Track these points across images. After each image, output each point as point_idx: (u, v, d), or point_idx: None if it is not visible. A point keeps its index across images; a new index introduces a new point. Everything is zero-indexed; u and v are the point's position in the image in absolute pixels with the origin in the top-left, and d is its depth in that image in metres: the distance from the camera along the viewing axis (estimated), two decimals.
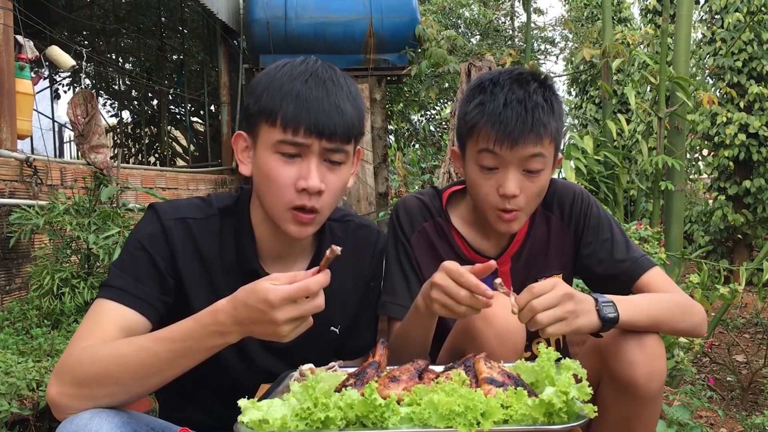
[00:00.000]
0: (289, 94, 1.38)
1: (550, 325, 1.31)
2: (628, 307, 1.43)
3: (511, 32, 12.47)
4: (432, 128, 10.12)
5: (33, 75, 4.75)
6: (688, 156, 9.33)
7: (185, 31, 9.99)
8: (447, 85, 7.95)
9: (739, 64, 8.96)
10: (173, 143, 11.13)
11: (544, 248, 1.71)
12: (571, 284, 1.76)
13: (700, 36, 9.93)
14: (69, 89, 9.91)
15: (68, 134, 9.63)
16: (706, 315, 1.61)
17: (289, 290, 1.16)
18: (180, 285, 1.44)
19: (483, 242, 1.71)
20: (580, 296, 1.36)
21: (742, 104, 9.00)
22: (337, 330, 1.62)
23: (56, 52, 4.98)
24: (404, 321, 1.58)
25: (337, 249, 1.20)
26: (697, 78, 9.41)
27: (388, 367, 1.33)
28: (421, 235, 1.71)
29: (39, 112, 7.46)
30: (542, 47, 12.95)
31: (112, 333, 1.30)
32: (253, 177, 1.46)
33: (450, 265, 1.36)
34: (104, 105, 10.54)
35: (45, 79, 8.26)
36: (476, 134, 1.55)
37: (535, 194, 1.58)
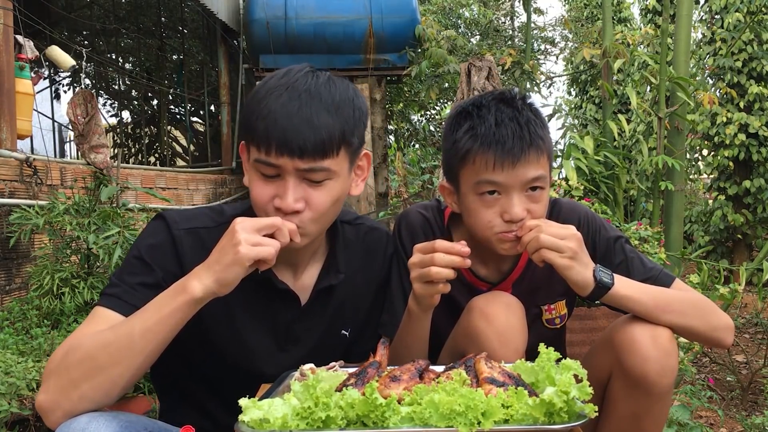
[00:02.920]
0: (261, 111, 1.34)
1: (548, 250, 1.38)
2: (629, 284, 1.47)
3: (511, 32, 12.45)
4: (432, 128, 10.11)
5: (33, 75, 4.74)
6: (688, 156, 9.33)
7: (185, 31, 9.98)
8: (447, 85, 7.94)
9: (739, 64, 8.95)
10: (173, 143, 11.12)
11: (547, 275, 1.64)
12: (572, 308, 1.75)
13: (700, 36, 9.92)
14: (69, 89, 9.90)
15: (68, 134, 9.63)
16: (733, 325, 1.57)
17: (256, 219, 1.30)
18: None
19: (482, 269, 1.66)
20: (586, 252, 1.44)
21: (742, 104, 8.99)
22: (347, 333, 1.61)
23: (56, 52, 4.98)
24: (399, 328, 1.57)
25: None
26: (697, 78, 9.40)
27: (388, 367, 1.33)
28: None
29: (39, 112, 7.45)
30: (542, 47, 12.92)
31: None
32: None
33: (420, 245, 1.43)
34: (104, 105, 10.53)
35: (45, 79, 8.25)
36: (471, 161, 1.48)
37: (539, 214, 1.51)
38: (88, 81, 9.62)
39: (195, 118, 10.67)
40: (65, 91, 9.94)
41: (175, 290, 1.28)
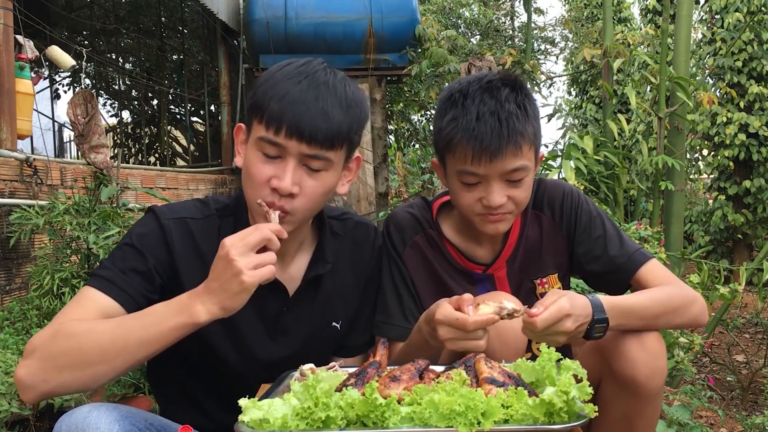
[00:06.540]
0: (277, 93, 1.39)
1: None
2: (615, 312, 1.42)
3: (511, 32, 12.45)
4: (432, 128, 10.10)
5: (33, 75, 4.74)
6: (688, 156, 9.33)
7: (185, 31, 9.98)
8: (447, 84, 7.93)
9: (739, 64, 8.96)
10: (173, 143, 11.13)
11: (537, 249, 1.70)
12: (568, 282, 1.76)
13: (700, 36, 9.92)
14: (69, 89, 9.91)
15: (68, 134, 9.63)
16: (706, 304, 1.60)
17: (243, 234, 1.26)
18: (179, 284, 1.44)
19: (476, 249, 1.70)
20: (579, 310, 1.35)
21: (742, 104, 9.00)
22: (338, 326, 1.63)
23: (56, 52, 4.97)
24: (409, 345, 1.56)
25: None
26: (697, 78, 9.41)
27: (388, 367, 1.33)
28: (413, 249, 1.70)
29: (39, 112, 7.46)
30: (542, 47, 12.92)
31: (90, 317, 1.32)
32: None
33: (446, 318, 1.33)
34: (104, 105, 10.54)
35: (45, 79, 8.26)
36: (453, 150, 1.52)
37: (521, 198, 1.56)
38: (88, 81, 9.62)
39: (195, 118, 10.67)
40: (65, 91, 9.95)
41: (179, 308, 1.28)
